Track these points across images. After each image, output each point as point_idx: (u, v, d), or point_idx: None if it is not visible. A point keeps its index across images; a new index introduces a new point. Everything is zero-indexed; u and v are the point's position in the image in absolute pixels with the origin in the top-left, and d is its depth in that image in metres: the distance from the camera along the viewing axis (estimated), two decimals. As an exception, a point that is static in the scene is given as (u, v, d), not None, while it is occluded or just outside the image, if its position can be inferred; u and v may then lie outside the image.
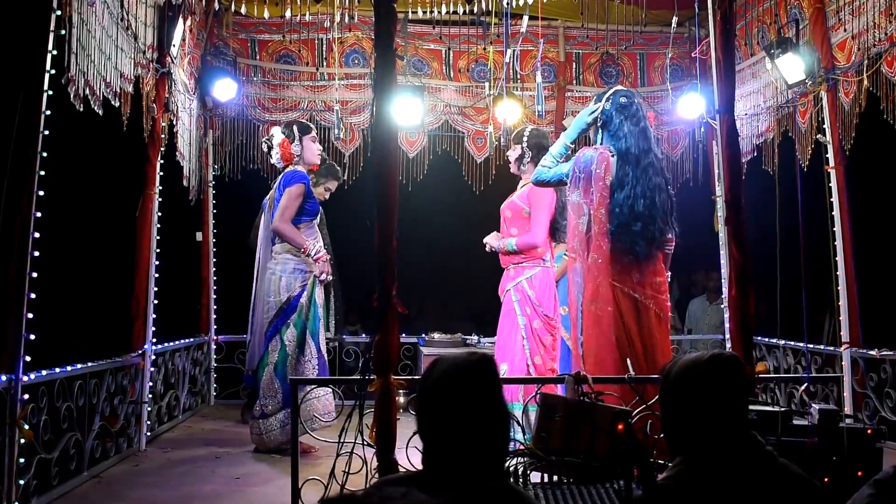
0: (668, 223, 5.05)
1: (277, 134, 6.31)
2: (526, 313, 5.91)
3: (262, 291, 6.20)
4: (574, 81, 8.75)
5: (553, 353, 5.89)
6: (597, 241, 4.93)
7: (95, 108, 5.14)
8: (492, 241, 6.17)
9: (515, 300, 5.93)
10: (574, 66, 8.78)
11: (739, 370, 2.37)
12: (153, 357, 6.33)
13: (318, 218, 6.63)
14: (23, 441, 4.24)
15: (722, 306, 8.25)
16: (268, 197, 6.50)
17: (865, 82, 5.87)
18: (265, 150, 6.47)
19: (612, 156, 4.99)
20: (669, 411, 2.42)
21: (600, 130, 5.16)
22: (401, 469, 3.68)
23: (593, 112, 5.19)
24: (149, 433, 6.25)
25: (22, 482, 4.26)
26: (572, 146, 5.31)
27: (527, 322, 5.89)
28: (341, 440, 4.00)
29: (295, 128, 6.32)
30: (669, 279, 5.15)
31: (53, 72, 4.46)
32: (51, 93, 4.42)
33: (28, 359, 4.30)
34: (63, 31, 4.52)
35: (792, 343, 7.10)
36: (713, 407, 2.31)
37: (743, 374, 2.38)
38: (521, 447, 3.76)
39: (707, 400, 2.32)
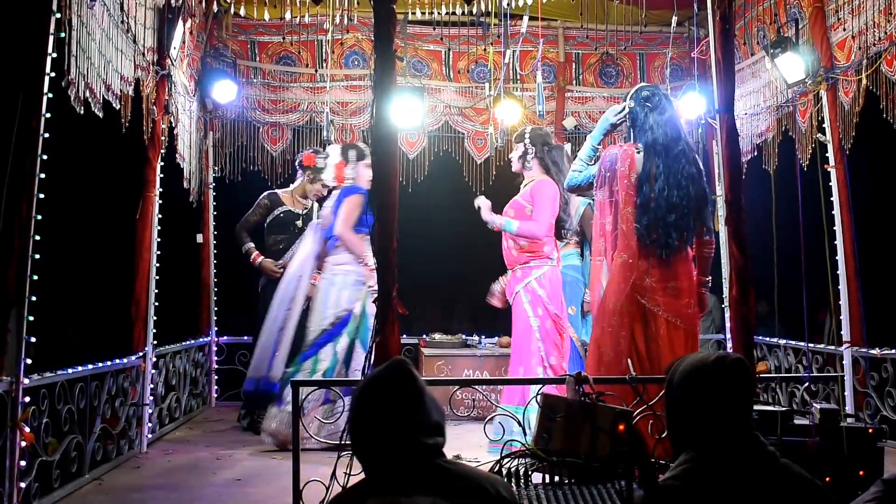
0: (701, 216, 4.92)
1: (334, 154, 6.42)
2: (538, 314, 5.87)
3: (316, 302, 6.23)
4: (574, 82, 8.76)
5: (564, 352, 5.86)
6: (625, 239, 4.84)
7: (95, 110, 5.14)
8: (485, 211, 6.14)
9: (527, 301, 5.89)
10: (574, 67, 8.79)
11: (744, 373, 2.37)
12: (154, 359, 6.33)
13: (296, 225, 6.94)
14: (24, 444, 4.24)
15: (723, 305, 8.25)
16: (319, 216, 6.56)
17: (865, 81, 5.87)
18: (320, 165, 6.55)
19: (638, 152, 4.93)
20: (673, 411, 2.42)
21: (631, 131, 5.12)
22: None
23: (618, 113, 5.16)
24: (150, 435, 6.25)
25: (23, 485, 4.26)
26: (599, 147, 5.27)
27: (540, 323, 5.85)
28: (342, 441, 4.00)
29: (353, 153, 6.41)
30: None
31: (53, 74, 4.45)
32: (51, 95, 4.42)
33: (29, 361, 4.30)
34: (63, 34, 4.52)
35: (793, 342, 7.10)
36: (717, 409, 2.30)
37: (748, 377, 2.38)
38: (523, 448, 3.76)
39: (711, 402, 2.31)
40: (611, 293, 4.87)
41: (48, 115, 4.39)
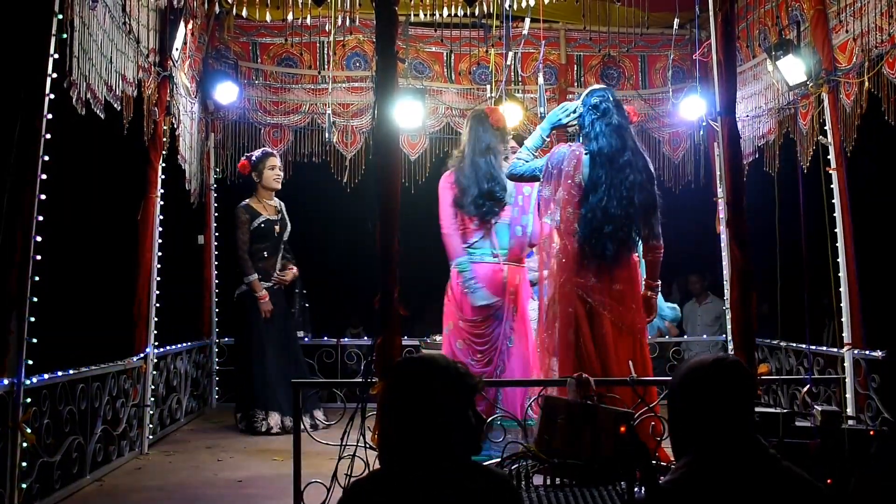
0: (648, 223, 4.99)
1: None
2: (450, 312, 5.70)
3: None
4: (575, 84, 8.75)
5: (466, 362, 5.41)
6: (563, 240, 4.90)
7: (97, 111, 5.15)
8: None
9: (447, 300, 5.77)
10: (575, 69, 8.79)
11: (743, 375, 2.37)
12: (155, 360, 6.33)
13: (275, 231, 7.04)
14: (25, 444, 4.24)
15: (724, 308, 8.25)
16: None
17: (867, 84, 5.86)
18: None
19: (585, 154, 4.97)
20: (674, 414, 2.42)
21: (578, 133, 5.16)
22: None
23: (570, 113, 5.15)
24: (151, 436, 6.26)
25: (24, 486, 4.26)
26: (547, 140, 5.26)
27: (452, 324, 5.66)
28: (344, 443, 4.01)
29: None
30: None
31: (55, 75, 4.45)
32: (52, 96, 4.42)
33: (30, 362, 4.30)
34: (65, 35, 4.52)
35: (794, 344, 7.09)
36: (715, 411, 2.31)
37: (747, 379, 2.37)
38: (524, 450, 3.76)
39: (709, 404, 2.32)
40: (551, 292, 4.89)
41: (50, 116, 4.39)
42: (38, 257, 4.34)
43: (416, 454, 2.10)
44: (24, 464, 4.25)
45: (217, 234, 8.28)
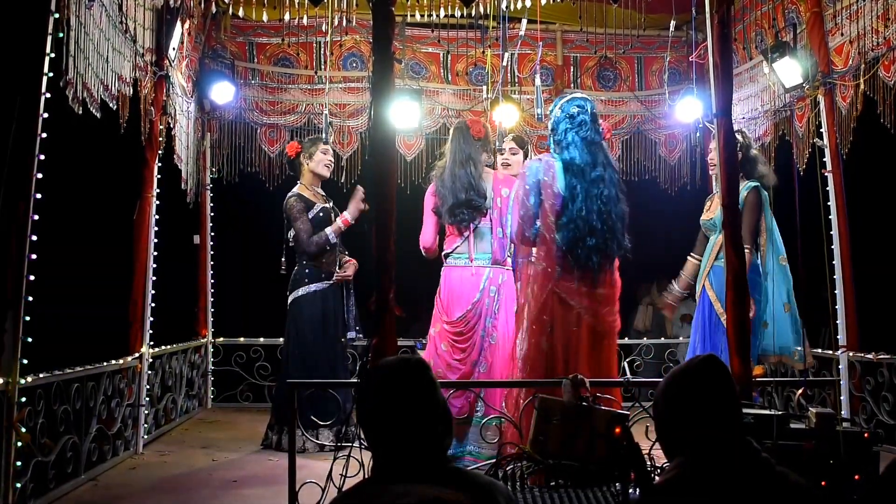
0: (623, 235, 5.01)
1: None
2: (437, 314, 5.75)
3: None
4: (572, 85, 8.75)
5: (449, 362, 5.54)
6: (545, 246, 4.90)
7: (93, 111, 5.13)
8: None
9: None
10: (572, 70, 8.80)
11: (719, 368, 2.37)
12: (150, 360, 6.33)
13: (332, 220, 6.58)
14: (20, 444, 4.24)
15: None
16: None
17: (862, 86, 5.88)
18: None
19: (557, 162, 4.97)
20: (661, 421, 2.43)
21: (551, 137, 5.16)
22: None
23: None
24: (146, 436, 6.25)
25: (19, 485, 4.25)
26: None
27: (439, 326, 5.68)
28: (338, 444, 4.01)
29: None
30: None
31: (51, 74, 4.45)
32: (48, 96, 4.42)
33: (25, 361, 4.29)
34: (61, 34, 4.52)
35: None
36: (698, 407, 2.32)
37: (723, 373, 2.38)
38: (519, 451, 3.77)
39: (691, 401, 2.33)
40: (530, 299, 4.90)
41: (46, 116, 4.38)
42: (34, 256, 4.34)
43: (401, 460, 2.09)
44: (18, 463, 4.24)
45: (213, 233, 8.28)
